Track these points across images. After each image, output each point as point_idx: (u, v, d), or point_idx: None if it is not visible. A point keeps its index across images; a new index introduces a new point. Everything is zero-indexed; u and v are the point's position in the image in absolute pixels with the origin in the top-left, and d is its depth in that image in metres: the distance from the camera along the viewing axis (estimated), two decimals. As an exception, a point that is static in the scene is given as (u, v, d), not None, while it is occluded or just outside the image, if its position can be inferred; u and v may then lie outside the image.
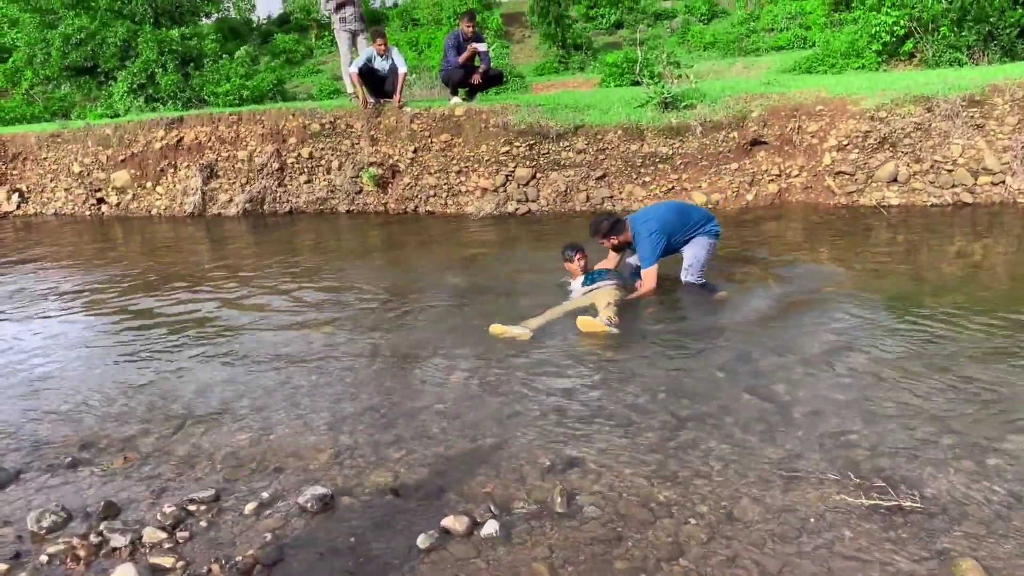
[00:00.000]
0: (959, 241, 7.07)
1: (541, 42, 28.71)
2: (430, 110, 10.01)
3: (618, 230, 5.84)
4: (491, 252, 7.96)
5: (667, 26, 29.96)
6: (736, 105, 9.22)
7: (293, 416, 4.13)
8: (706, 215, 5.97)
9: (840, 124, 8.55)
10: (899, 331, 4.86)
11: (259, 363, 5.00)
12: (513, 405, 4.11)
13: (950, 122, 8.13)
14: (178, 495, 3.36)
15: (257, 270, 7.77)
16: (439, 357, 4.92)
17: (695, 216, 5.89)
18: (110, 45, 21.55)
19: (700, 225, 5.83)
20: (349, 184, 10.31)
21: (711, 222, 5.92)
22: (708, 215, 5.98)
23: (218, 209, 10.82)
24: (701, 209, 6.11)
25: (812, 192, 8.69)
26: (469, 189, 9.76)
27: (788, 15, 26.63)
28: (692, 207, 6.12)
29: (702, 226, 5.84)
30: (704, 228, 5.84)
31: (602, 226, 5.89)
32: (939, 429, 3.53)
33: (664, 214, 5.86)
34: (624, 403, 4.07)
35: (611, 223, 5.88)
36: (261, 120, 10.69)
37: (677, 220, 5.78)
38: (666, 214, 5.85)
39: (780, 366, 4.41)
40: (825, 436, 3.55)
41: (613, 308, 5.29)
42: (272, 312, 6.20)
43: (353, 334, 5.53)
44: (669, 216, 5.80)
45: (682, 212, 5.92)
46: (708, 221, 5.90)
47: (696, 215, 5.92)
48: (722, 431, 3.67)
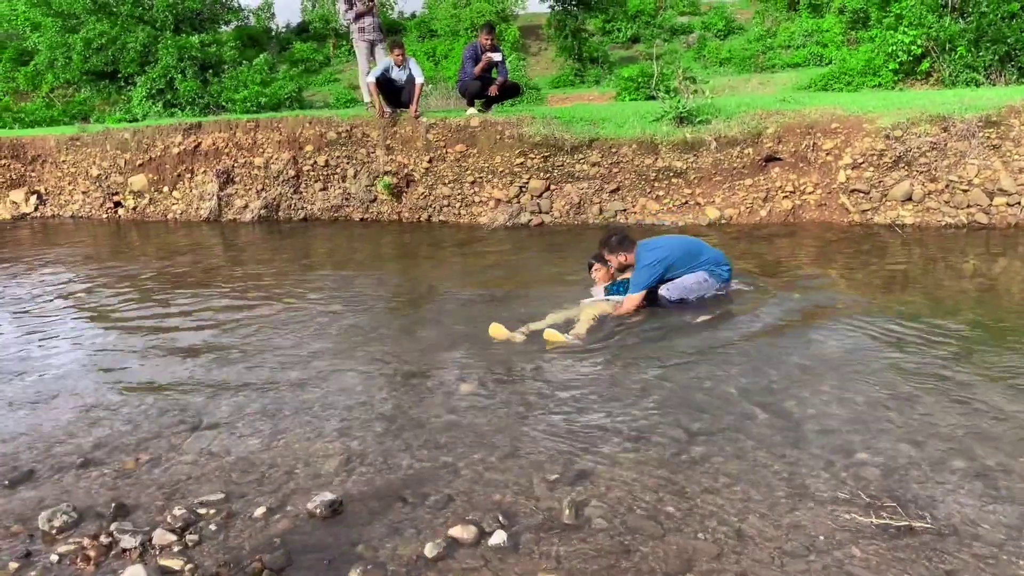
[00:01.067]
0: (973, 262, 7.04)
1: (557, 55, 28.83)
2: (446, 121, 10.06)
3: (625, 247, 5.80)
4: (504, 263, 7.98)
5: (683, 41, 30.02)
6: (751, 121, 9.22)
7: (303, 422, 4.15)
8: (717, 258, 5.89)
9: (855, 142, 8.54)
10: (912, 351, 4.84)
11: (270, 369, 5.02)
12: (523, 416, 4.11)
13: (966, 142, 8.10)
14: (188, 498, 3.38)
15: (271, 276, 7.81)
16: (450, 366, 4.93)
17: (705, 255, 5.84)
18: (130, 50, 21.80)
19: (706, 263, 5.78)
20: (364, 192, 10.37)
21: (721, 265, 5.84)
22: (720, 258, 5.90)
23: (233, 215, 10.89)
24: (716, 252, 5.99)
25: (826, 210, 8.68)
26: (483, 200, 9.79)
27: (805, 32, 26.64)
28: (706, 247, 5.98)
29: (707, 264, 5.78)
30: (710, 267, 5.77)
31: (611, 241, 5.87)
32: (951, 450, 3.51)
33: (671, 247, 5.83)
34: (635, 416, 4.06)
35: (619, 239, 5.86)
36: (278, 127, 10.77)
37: (682, 256, 5.75)
38: (674, 248, 5.82)
39: (792, 383, 4.40)
40: (836, 454, 3.53)
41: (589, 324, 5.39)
42: (285, 319, 6.23)
43: (364, 342, 5.55)
44: (675, 251, 5.76)
45: (691, 250, 5.84)
46: (719, 263, 5.84)
47: (707, 254, 5.85)
48: (733, 447, 3.66)
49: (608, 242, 5.89)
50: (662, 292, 5.75)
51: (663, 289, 5.75)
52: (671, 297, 5.73)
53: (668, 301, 5.74)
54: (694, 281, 5.74)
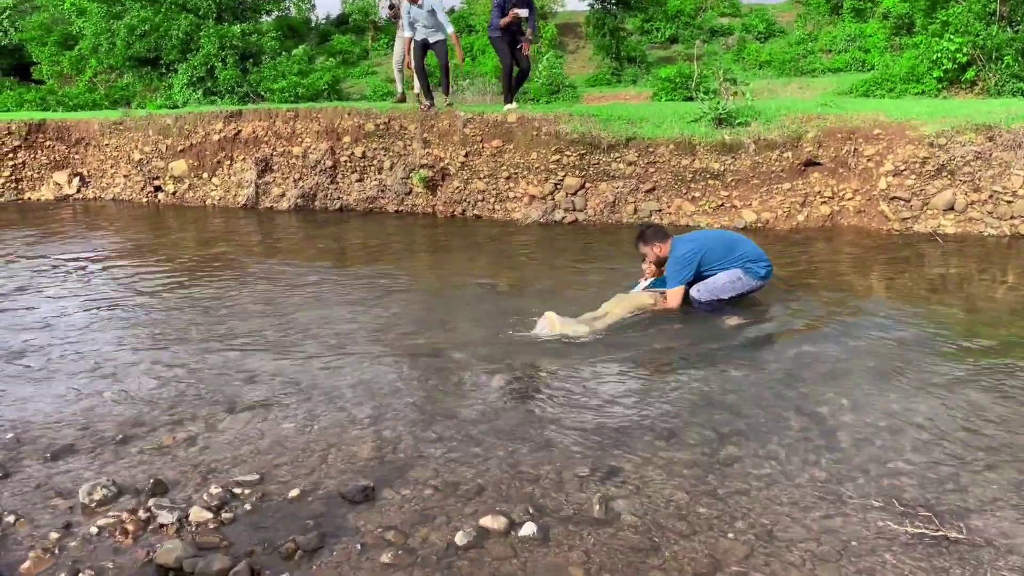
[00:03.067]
0: (1015, 273, 6.91)
1: (595, 53, 28.72)
2: (483, 116, 10.08)
3: (660, 238, 5.74)
4: (537, 259, 7.99)
5: (723, 43, 29.76)
6: (791, 125, 9.13)
7: (337, 408, 4.20)
8: (756, 252, 5.71)
9: (898, 149, 8.42)
10: (951, 361, 4.77)
11: (304, 355, 5.08)
12: (554, 410, 4.13)
13: (1012, 152, 7.95)
14: (224, 477, 3.44)
15: (306, 264, 7.90)
16: (482, 359, 4.95)
17: (740, 249, 5.68)
18: (172, 38, 22.07)
19: (744, 258, 5.62)
20: (399, 185, 10.43)
21: (759, 261, 5.66)
22: (759, 253, 5.71)
23: (270, 203, 11.01)
24: (754, 247, 5.79)
25: (865, 216, 8.57)
26: (518, 196, 9.80)
27: (848, 37, 26.27)
28: (744, 241, 5.82)
29: (745, 259, 5.63)
30: (745, 263, 5.61)
31: (646, 232, 5.83)
32: (989, 463, 3.46)
33: (706, 240, 5.78)
34: (667, 415, 4.06)
35: (655, 231, 5.85)
36: (317, 118, 10.86)
37: (719, 249, 5.63)
38: (709, 242, 5.75)
39: (828, 388, 4.36)
40: (870, 461, 3.51)
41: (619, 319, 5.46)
42: (319, 306, 6.30)
43: (398, 332, 5.59)
44: (710, 245, 5.68)
45: (727, 244, 5.72)
46: (755, 259, 5.66)
47: (742, 249, 5.69)
48: (765, 449, 3.64)
49: (643, 234, 5.86)
50: (693, 294, 5.66)
51: (694, 291, 5.66)
52: (702, 299, 5.63)
53: (699, 303, 5.66)
54: (727, 280, 5.60)
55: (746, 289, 5.68)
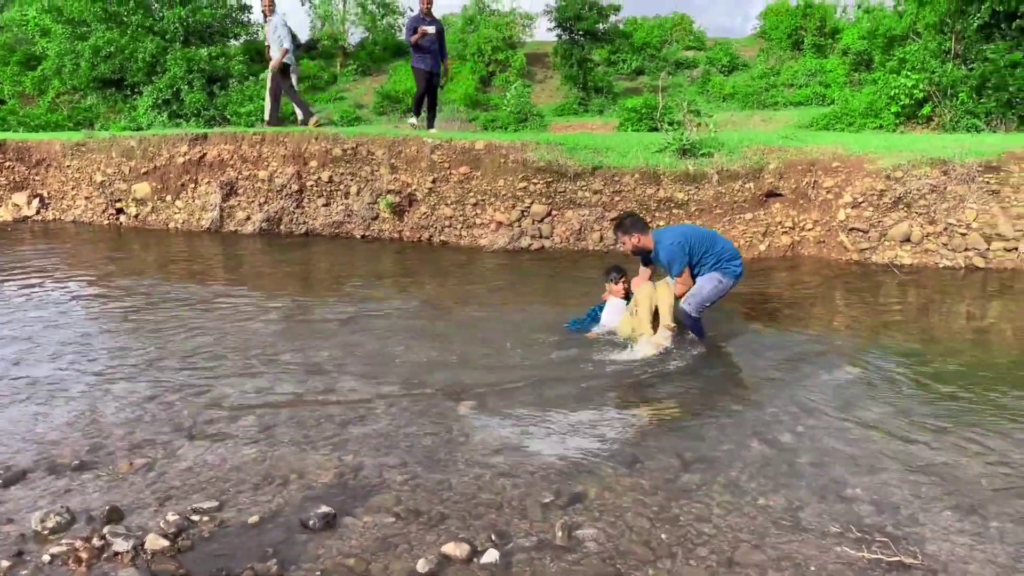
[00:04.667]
0: (969, 304, 7.09)
1: (563, 83, 29.04)
2: (451, 142, 10.13)
3: (640, 228, 5.73)
4: (504, 285, 8.01)
5: (688, 75, 30.28)
6: (753, 156, 9.31)
7: (300, 435, 4.16)
8: (731, 249, 5.81)
9: (856, 181, 8.63)
10: (906, 389, 4.87)
11: (267, 381, 5.03)
12: (520, 436, 4.13)
13: (966, 186, 8.19)
14: (182, 504, 3.38)
15: (270, 289, 7.83)
16: (448, 385, 4.94)
17: (719, 244, 5.76)
18: (138, 60, 21.93)
19: (721, 257, 5.68)
20: (366, 210, 10.41)
21: (733, 259, 5.74)
22: (733, 250, 5.82)
23: (235, 226, 10.92)
24: (728, 242, 5.93)
25: (825, 247, 8.74)
26: (484, 222, 9.84)
27: (808, 72, 26.92)
28: (719, 237, 5.95)
29: (722, 259, 5.68)
30: (722, 263, 5.67)
31: (625, 222, 5.81)
32: (943, 489, 3.53)
33: (688, 230, 5.93)
34: (631, 442, 4.08)
35: (633, 220, 5.83)
36: (284, 142, 10.83)
37: (700, 240, 5.71)
38: (690, 231, 5.89)
39: (787, 416, 4.42)
40: (829, 488, 3.55)
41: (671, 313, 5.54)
42: (283, 332, 6.25)
43: (362, 358, 5.56)
44: (692, 233, 5.80)
45: (706, 236, 5.81)
46: (731, 257, 5.73)
47: (720, 244, 5.78)
48: (727, 476, 3.68)
49: (623, 223, 5.83)
50: (684, 307, 5.64)
51: (684, 304, 5.65)
52: (693, 311, 5.62)
53: (690, 317, 5.64)
54: (711, 287, 5.63)
55: (725, 291, 5.73)
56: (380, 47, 34.94)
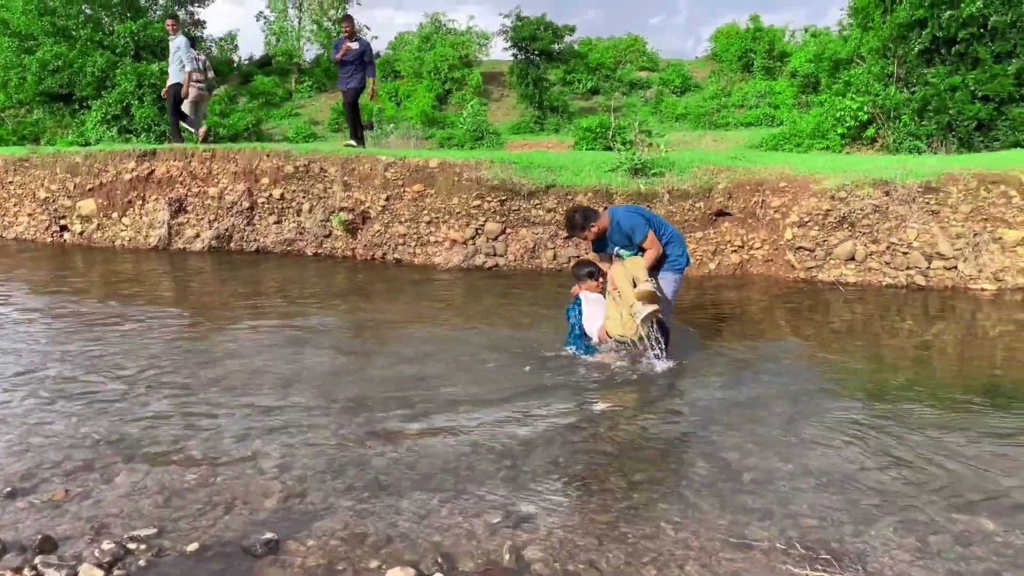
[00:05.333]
0: (911, 322, 7.25)
1: (519, 102, 29.27)
2: (405, 160, 10.11)
3: (592, 217, 5.71)
4: (458, 303, 7.99)
5: (642, 95, 30.74)
6: (704, 176, 9.45)
7: (243, 458, 4.07)
8: (677, 235, 5.88)
9: (802, 201, 8.81)
10: (850, 406, 4.95)
11: (211, 403, 4.93)
12: (469, 457, 4.09)
13: (907, 206, 8.41)
14: (118, 532, 3.28)
15: (217, 308, 7.70)
16: (398, 406, 4.89)
17: (668, 229, 5.83)
18: (87, 74, 21.55)
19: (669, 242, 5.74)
20: (318, 227, 10.33)
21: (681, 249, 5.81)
22: (680, 237, 5.90)
23: (184, 244, 10.74)
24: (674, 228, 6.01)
25: (773, 265, 8.89)
26: (439, 240, 9.82)
27: (758, 93, 27.52)
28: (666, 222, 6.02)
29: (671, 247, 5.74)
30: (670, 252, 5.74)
31: (576, 219, 5.75)
32: (885, 504, 3.58)
33: (640, 208, 5.97)
34: (580, 461, 4.08)
35: (583, 213, 5.78)
36: (235, 158, 10.70)
37: (652, 217, 5.80)
38: (642, 209, 5.94)
39: (735, 433, 4.46)
40: (774, 504, 3.58)
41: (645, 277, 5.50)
42: (229, 352, 6.14)
43: (310, 378, 5.48)
44: (645, 211, 5.87)
45: (656, 218, 5.89)
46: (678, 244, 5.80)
47: (669, 229, 5.85)
48: (674, 495, 3.69)
49: (574, 223, 5.77)
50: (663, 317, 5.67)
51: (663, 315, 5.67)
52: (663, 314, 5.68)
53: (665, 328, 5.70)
54: (672, 289, 5.79)
55: (679, 287, 5.92)
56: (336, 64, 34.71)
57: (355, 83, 11.50)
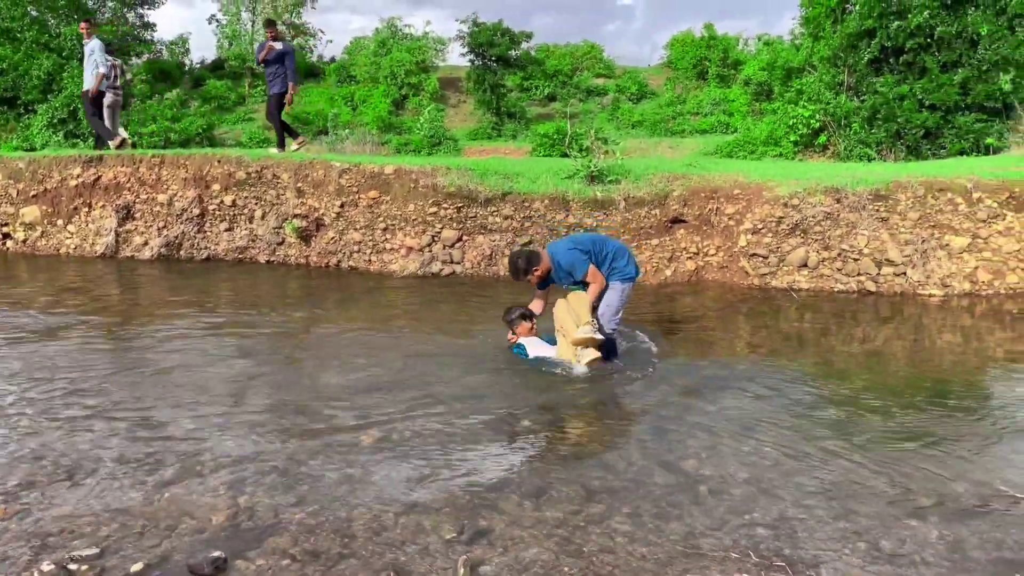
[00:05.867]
0: (863, 328, 7.38)
1: (476, 108, 29.19)
2: (360, 166, 10.01)
3: (535, 261, 5.81)
4: (414, 311, 7.91)
5: (598, 102, 30.90)
6: (659, 183, 9.52)
7: (190, 474, 3.96)
8: (622, 248, 5.94)
9: (756, 208, 8.92)
10: (803, 412, 5.00)
11: (157, 417, 4.79)
12: (424, 469, 4.03)
13: (857, 214, 8.57)
14: (59, 552, 3.16)
15: (166, 317, 7.52)
16: (351, 417, 4.81)
17: (610, 245, 5.90)
18: (33, 77, 21.00)
19: (615, 257, 5.81)
20: (271, 234, 10.17)
21: (626, 259, 5.87)
22: (624, 249, 5.95)
23: (131, 251, 10.48)
24: (617, 242, 6.10)
25: (727, 272, 8.99)
26: (394, 247, 9.74)
27: (713, 101, 27.86)
28: (607, 238, 6.10)
29: (617, 260, 5.81)
30: (617, 266, 5.81)
31: (519, 264, 5.83)
32: (837, 510, 3.61)
33: (579, 237, 5.98)
34: (537, 472, 4.04)
35: (526, 257, 5.86)
36: (185, 164, 10.49)
37: (591, 243, 5.83)
38: (581, 238, 5.96)
39: (691, 442, 4.47)
40: (730, 513, 3.59)
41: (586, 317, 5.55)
42: (177, 363, 5.99)
43: (261, 390, 5.37)
44: (581, 237, 5.91)
45: (596, 238, 5.97)
46: (623, 256, 5.87)
47: (611, 245, 5.91)
48: (630, 505, 3.67)
49: (517, 266, 5.84)
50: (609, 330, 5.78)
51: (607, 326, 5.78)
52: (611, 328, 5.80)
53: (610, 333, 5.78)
54: (617, 298, 5.82)
55: (628, 297, 5.94)
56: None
57: (277, 88, 11.44)
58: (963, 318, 7.60)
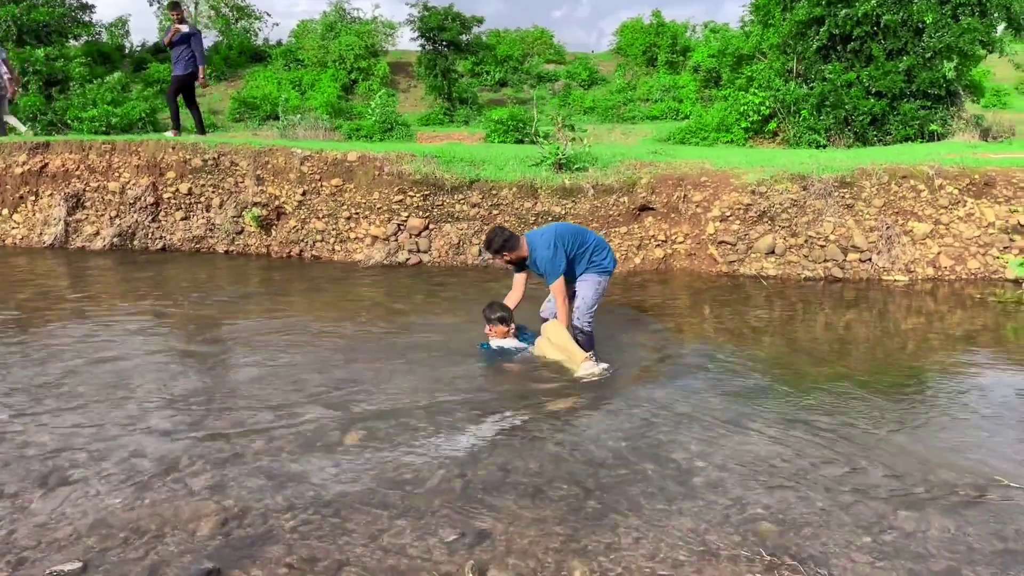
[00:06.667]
0: (830, 313, 7.45)
1: (427, 93, 28.87)
2: (322, 153, 9.76)
3: (511, 246, 5.66)
4: (381, 302, 7.74)
5: (549, 88, 30.82)
6: (626, 171, 9.48)
7: (172, 478, 3.78)
8: (601, 242, 5.87)
9: (723, 196, 8.94)
10: (785, 402, 5.01)
11: (130, 415, 4.58)
12: (415, 470, 3.91)
13: (823, 200, 8.65)
14: (38, 567, 2.98)
15: (122, 311, 7.22)
16: (333, 414, 4.66)
17: (590, 239, 5.80)
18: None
19: (594, 251, 5.74)
20: (230, 224, 9.86)
21: (605, 252, 5.81)
22: (603, 243, 5.88)
23: (82, 242, 10.07)
24: (596, 235, 5.97)
25: (696, 259, 9.00)
26: (359, 236, 9.53)
27: (663, 87, 28.00)
28: (587, 231, 5.97)
29: (596, 254, 5.74)
30: (596, 259, 5.74)
31: (494, 242, 5.69)
32: (836, 502, 3.60)
33: (559, 228, 5.80)
34: (529, 468, 3.95)
35: (504, 238, 5.69)
36: (138, 151, 10.10)
37: (572, 237, 5.70)
38: (561, 228, 5.79)
39: (678, 433, 4.43)
40: (731, 507, 3.56)
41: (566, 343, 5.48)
42: (141, 359, 5.74)
43: (235, 385, 5.18)
44: (564, 231, 5.73)
45: (576, 231, 5.83)
46: (602, 250, 5.81)
47: (591, 238, 5.82)
48: (628, 501, 3.61)
49: (493, 243, 5.70)
50: (575, 323, 5.70)
51: (574, 320, 5.70)
52: (584, 325, 5.70)
53: (583, 328, 5.70)
54: (593, 293, 5.72)
55: (605, 289, 5.84)
56: (236, 51, 33.53)
57: (180, 70, 11.29)
58: (927, 303, 7.73)
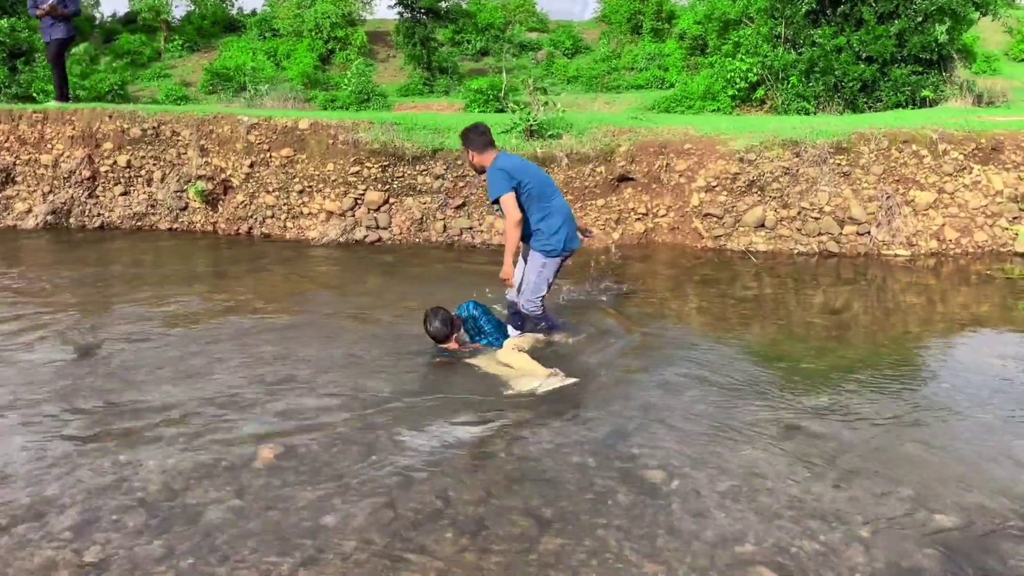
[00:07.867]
0: (825, 294, 6.76)
1: (406, 63, 27.93)
2: (270, 121, 8.94)
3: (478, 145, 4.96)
4: (335, 283, 7.00)
5: (532, 57, 29.93)
6: (604, 138, 8.72)
7: (27, 514, 3.05)
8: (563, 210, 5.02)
9: (709, 164, 8.20)
10: (776, 404, 4.31)
11: (4, 429, 3.84)
12: (334, 500, 3.19)
13: (818, 168, 7.93)
14: None
15: (53, 298, 6.44)
16: (246, 423, 3.93)
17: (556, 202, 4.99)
18: None
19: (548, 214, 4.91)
20: (173, 199, 9.06)
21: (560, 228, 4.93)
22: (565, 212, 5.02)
23: (13, 220, 9.25)
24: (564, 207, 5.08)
25: (679, 233, 8.28)
26: (313, 212, 8.75)
27: (648, 56, 27.13)
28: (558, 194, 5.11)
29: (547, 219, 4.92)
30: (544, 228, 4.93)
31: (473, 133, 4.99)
32: (834, 525, 2.92)
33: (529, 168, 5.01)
34: (472, 499, 3.23)
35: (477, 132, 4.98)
36: (71, 121, 9.25)
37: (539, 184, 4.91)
38: (531, 168, 5.02)
39: (654, 446, 3.72)
40: (716, 544, 2.87)
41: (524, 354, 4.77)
42: (34, 354, 4.99)
43: (130, 389, 4.42)
44: (533, 171, 4.97)
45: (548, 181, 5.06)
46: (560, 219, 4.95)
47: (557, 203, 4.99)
48: (594, 538, 2.92)
49: (469, 135, 4.99)
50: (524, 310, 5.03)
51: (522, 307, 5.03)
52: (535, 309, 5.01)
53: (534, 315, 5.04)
54: (536, 276, 4.96)
55: (555, 271, 5.06)
56: (209, 21, 32.43)
57: (60, 33, 10.23)
58: (931, 280, 7.05)
